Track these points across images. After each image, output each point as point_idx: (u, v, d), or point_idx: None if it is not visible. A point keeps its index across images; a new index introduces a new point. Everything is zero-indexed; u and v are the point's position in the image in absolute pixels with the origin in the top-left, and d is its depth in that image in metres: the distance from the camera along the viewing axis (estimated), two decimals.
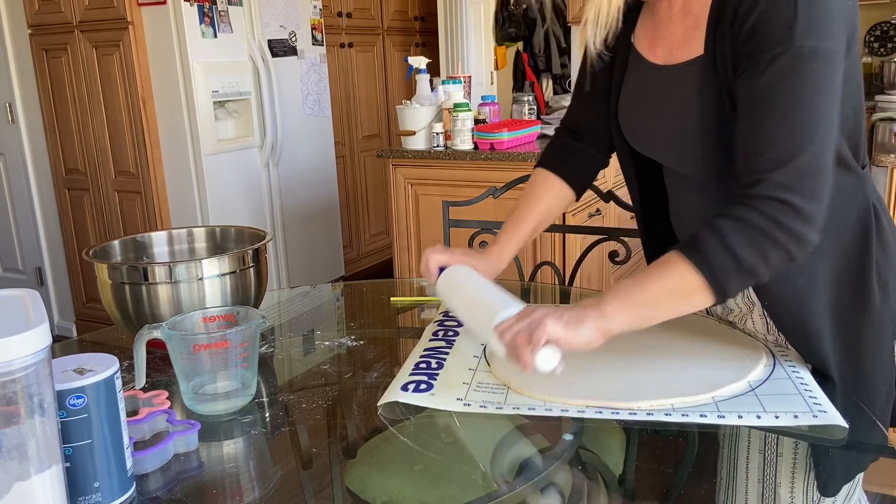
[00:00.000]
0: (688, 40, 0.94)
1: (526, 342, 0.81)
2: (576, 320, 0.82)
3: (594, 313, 0.83)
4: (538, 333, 0.80)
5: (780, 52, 0.80)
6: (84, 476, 0.69)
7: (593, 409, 0.85)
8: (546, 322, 0.81)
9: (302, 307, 1.38)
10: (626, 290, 0.85)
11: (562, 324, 0.81)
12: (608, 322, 0.83)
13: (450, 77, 2.81)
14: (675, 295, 0.83)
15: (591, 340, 0.83)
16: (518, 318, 0.85)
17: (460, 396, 0.90)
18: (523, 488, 0.74)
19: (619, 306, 0.83)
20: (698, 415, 0.82)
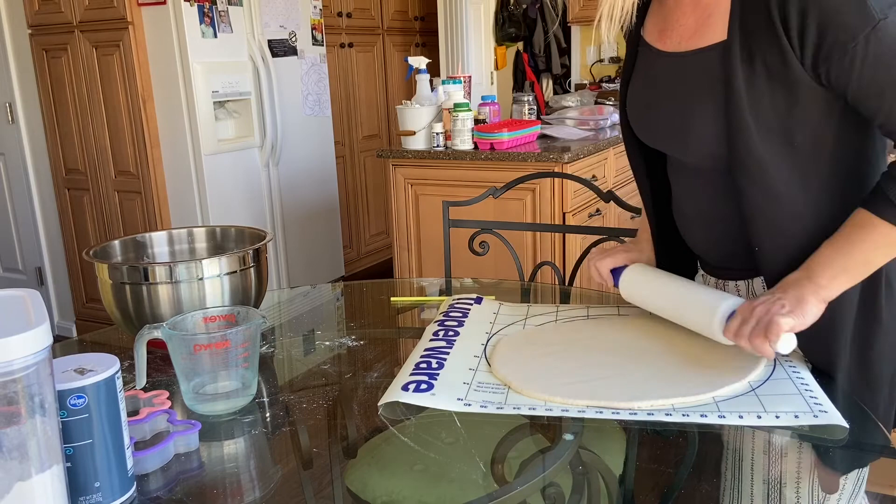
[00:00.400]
0: (701, 28, 0.94)
1: (764, 340, 0.86)
2: (797, 303, 0.88)
3: (811, 287, 0.89)
4: (773, 331, 0.86)
5: (868, 31, 0.81)
6: (85, 476, 0.69)
7: (593, 409, 0.85)
8: (776, 319, 0.86)
9: (302, 307, 1.38)
10: (833, 258, 0.89)
11: (789, 314, 0.87)
12: (827, 291, 0.89)
13: (450, 77, 2.81)
14: (880, 249, 0.88)
15: (818, 313, 0.89)
16: (744, 318, 0.90)
17: (461, 396, 0.90)
18: (523, 488, 0.74)
19: (833, 274, 0.89)
20: (699, 415, 0.82)
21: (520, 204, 2.55)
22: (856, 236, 0.88)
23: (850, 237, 0.89)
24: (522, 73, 4.98)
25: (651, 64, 1.03)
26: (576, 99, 3.89)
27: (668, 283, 1.06)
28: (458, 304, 1.22)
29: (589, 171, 2.75)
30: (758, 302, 0.90)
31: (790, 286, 0.90)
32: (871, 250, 0.88)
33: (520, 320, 1.16)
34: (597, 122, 3.14)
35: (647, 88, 1.04)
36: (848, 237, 0.89)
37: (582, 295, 1.35)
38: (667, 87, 1.00)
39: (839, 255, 0.89)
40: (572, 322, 1.13)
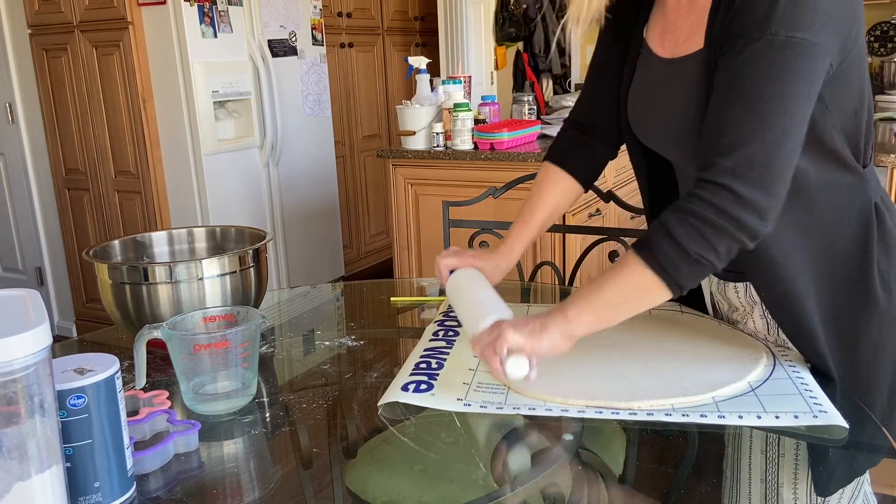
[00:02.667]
0: (692, 34, 0.94)
1: (492, 354, 0.85)
2: (539, 328, 0.85)
3: (558, 319, 0.86)
4: (499, 345, 0.84)
5: (755, 37, 0.80)
6: (84, 476, 0.69)
7: (593, 409, 0.85)
8: (506, 334, 0.84)
9: (302, 307, 1.38)
10: (586, 293, 0.87)
11: (524, 333, 0.84)
12: (571, 326, 0.85)
13: (450, 77, 2.81)
14: (634, 293, 0.85)
15: (557, 346, 0.85)
16: (489, 330, 0.88)
17: (460, 396, 0.90)
18: (523, 488, 0.74)
19: (581, 310, 0.86)
20: (698, 415, 0.82)
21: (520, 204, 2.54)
22: (612, 273, 0.85)
23: (608, 274, 0.86)
24: (522, 73, 4.98)
25: (649, 68, 1.03)
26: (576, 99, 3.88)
27: (471, 288, 1.03)
28: None
29: None
30: (512, 319, 0.88)
31: (546, 313, 0.87)
32: (623, 292, 0.85)
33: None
34: None
35: (645, 92, 1.04)
36: (607, 275, 0.86)
37: None
38: (662, 93, 1.00)
39: (593, 291, 0.86)
40: None
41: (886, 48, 4.12)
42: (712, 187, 0.80)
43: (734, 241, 0.81)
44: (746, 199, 0.79)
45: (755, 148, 0.79)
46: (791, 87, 0.79)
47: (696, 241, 0.80)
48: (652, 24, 1.04)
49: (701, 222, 0.80)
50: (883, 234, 0.93)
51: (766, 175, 0.79)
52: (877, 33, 4.13)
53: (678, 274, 0.81)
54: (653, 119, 1.03)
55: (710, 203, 0.80)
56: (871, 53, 4.14)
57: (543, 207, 1.16)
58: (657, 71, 1.01)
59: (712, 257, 0.81)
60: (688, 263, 0.81)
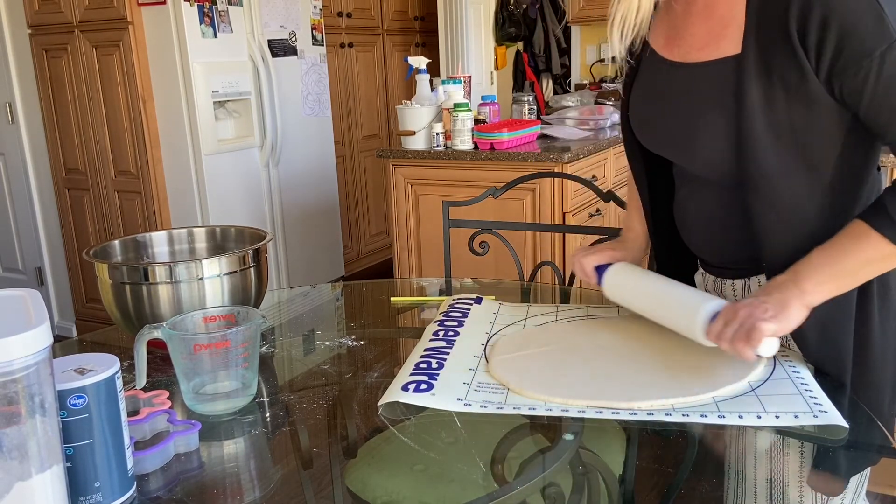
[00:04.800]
0: (713, 39, 0.93)
1: (745, 344, 0.85)
2: (781, 307, 0.87)
3: (795, 292, 0.87)
4: (755, 336, 0.84)
5: (886, 47, 0.81)
6: (85, 476, 0.69)
7: (593, 409, 0.85)
8: (758, 324, 0.85)
9: (302, 307, 1.38)
10: (822, 264, 0.88)
11: (771, 319, 0.85)
12: (812, 297, 0.88)
13: (450, 77, 2.81)
14: (872, 262, 0.87)
15: (801, 319, 0.88)
16: (726, 321, 0.88)
17: (461, 396, 0.90)
18: (523, 488, 0.74)
19: (819, 281, 0.88)
20: (698, 415, 0.82)
21: (520, 204, 2.55)
22: (849, 246, 0.87)
23: (843, 246, 0.88)
24: (522, 73, 4.98)
25: (656, 71, 1.02)
26: (576, 99, 3.89)
27: (651, 283, 1.04)
28: (458, 304, 1.22)
29: (589, 171, 2.75)
30: (741, 304, 0.88)
31: (775, 290, 0.89)
32: (861, 261, 0.87)
33: (520, 320, 1.16)
34: (597, 122, 3.14)
35: (652, 96, 1.03)
36: (841, 246, 0.88)
37: (582, 295, 1.35)
38: (673, 97, 0.99)
39: (829, 262, 0.88)
40: (572, 322, 1.13)
41: None
42: None
43: None
44: None
45: None
46: None
47: None
48: (656, 28, 1.03)
49: None
50: None
51: None
52: None
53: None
54: (660, 121, 1.02)
55: None
56: None
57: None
58: (664, 74, 1.00)
59: None
60: None
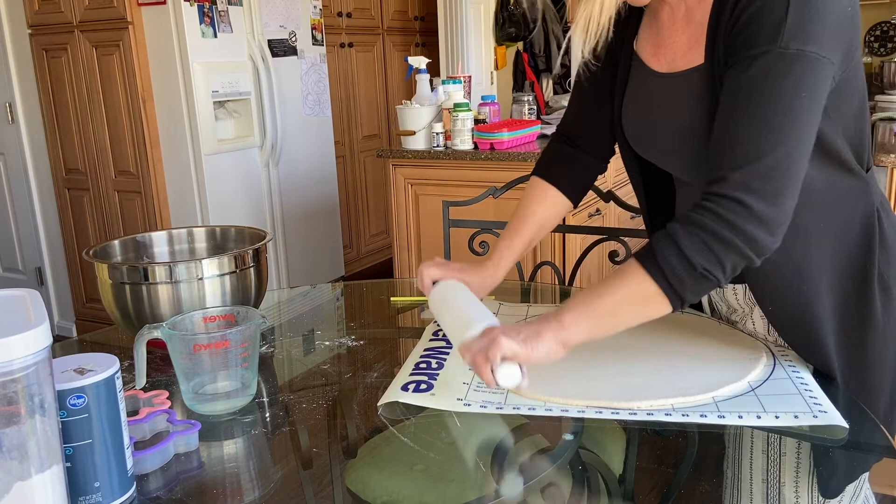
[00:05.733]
0: (691, 48, 0.93)
1: (484, 361, 0.81)
2: (533, 335, 0.82)
3: (553, 325, 0.83)
4: (492, 352, 0.81)
5: (764, 51, 0.79)
6: (84, 476, 0.69)
7: (593, 409, 0.85)
8: (500, 340, 0.81)
9: (302, 307, 1.38)
10: (584, 300, 0.84)
11: (517, 341, 0.81)
12: (567, 333, 0.83)
13: (450, 77, 2.81)
14: (633, 303, 0.83)
15: (551, 353, 0.83)
16: (480, 337, 0.85)
17: (460, 396, 0.90)
18: (523, 488, 0.74)
19: (577, 316, 0.83)
20: (698, 415, 0.82)
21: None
22: (613, 281, 0.83)
23: (608, 281, 0.84)
24: (522, 73, 4.98)
25: (644, 81, 1.01)
26: None
27: (455, 298, 1.00)
28: None
29: None
30: (501, 327, 0.86)
31: (538, 320, 0.85)
32: (622, 299, 0.83)
33: (520, 320, 1.16)
34: None
35: (641, 106, 1.03)
36: (606, 281, 0.84)
37: None
38: (659, 107, 0.99)
39: (591, 298, 0.84)
40: None
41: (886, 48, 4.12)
42: (723, 201, 0.79)
43: (742, 257, 0.79)
44: (758, 214, 0.78)
45: (769, 161, 0.78)
46: (802, 100, 0.78)
47: (703, 255, 0.79)
48: (643, 37, 1.02)
49: (710, 236, 0.79)
50: (883, 237, 0.94)
51: (780, 189, 0.78)
52: (877, 33, 4.13)
53: (682, 287, 0.80)
54: (651, 132, 1.02)
55: (720, 216, 0.79)
56: (871, 53, 4.14)
57: (531, 223, 1.13)
58: (653, 85, 0.99)
59: (718, 273, 0.80)
60: (693, 277, 0.80)
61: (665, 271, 0.80)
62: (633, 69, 1.03)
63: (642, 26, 1.03)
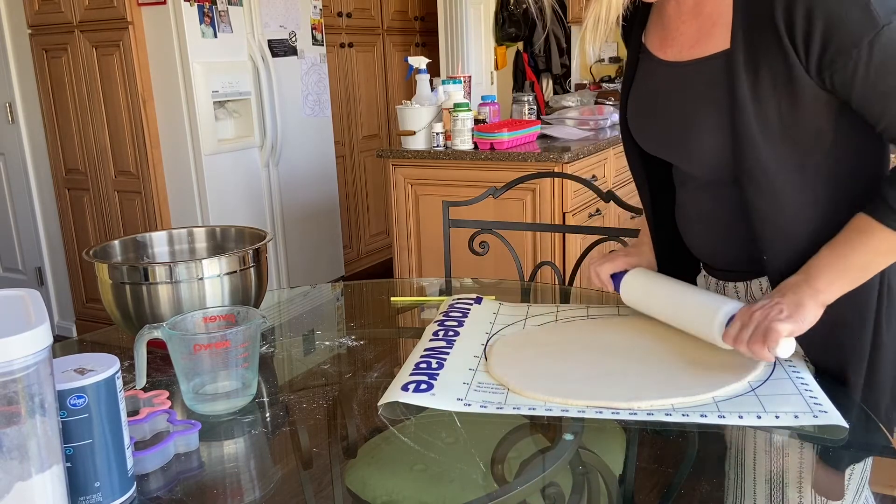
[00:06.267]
0: (703, 37, 0.94)
1: (762, 346, 0.87)
2: (796, 308, 0.88)
3: (809, 291, 0.89)
4: (771, 337, 0.86)
5: (871, 36, 0.80)
6: (85, 476, 0.69)
7: (593, 409, 0.85)
8: (774, 324, 0.86)
9: (302, 307, 1.38)
10: (831, 262, 0.89)
11: (787, 319, 0.87)
12: (825, 295, 0.89)
13: (450, 77, 2.81)
14: (881, 254, 0.88)
15: (816, 318, 0.89)
16: (743, 324, 0.90)
17: (461, 396, 0.90)
18: (523, 488, 0.74)
19: (832, 278, 0.89)
20: (698, 415, 0.82)
21: (520, 204, 2.55)
22: (856, 241, 0.88)
23: (850, 241, 0.88)
24: (522, 73, 4.98)
25: (652, 72, 1.03)
26: (576, 99, 3.89)
27: (667, 288, 1.06)
28: (458, 304, 1.22)
29: (589, 171, 2.75)
30: (756, 307, 0.90)
31: (788, 290, 0.90)
32: (869, 255, 0.88)
33: (520, 320, 1.16)
34: (597, 122, 3.14)
35: (649, 97, 1.03)
36: (847, 241, 0.89)
37: (582, 295, 1.35)
38: (668, 96, 0.99)
39: (838, 259, 0.89)
40: (572, 322, 1.13)
41: None
42: None
43: None
44: None
45: None
46: None
47: None
48: (651, 30, 1.03)
49: None
50: None
51: None
52: None
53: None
54: (657, 123, 1.02)
55: None
56: None
57: None
58: (663, 75, 1.00)
59: None
60: None
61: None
62: (641, 61, 1.05)
63: (650, 20, 1.04)
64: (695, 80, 0.95)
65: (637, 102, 1.05)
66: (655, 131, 1.04)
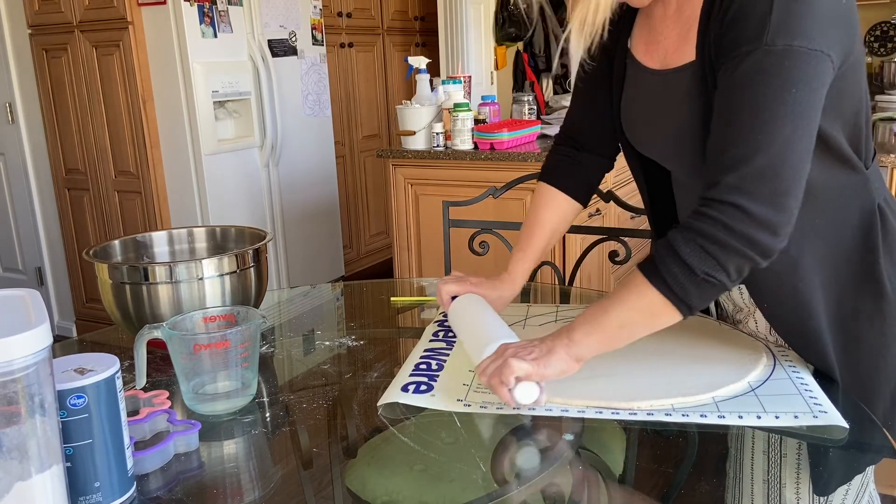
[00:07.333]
0: (682, 44, 0.93)
1: (499, 384, 0.83)
2: (545, 353, 0.84)
3: (564, 341, 0.85)
4: (506, 374, 0.83)
5: (750, 49, 0.78)
6: (85, 476, 0.69)
7: (593, 409, 0.85)
8: (511, 363, 0.83)
9: (302, 307, 1.38)
10: (593, 314, 0.85)
11: (529, 360, 0.83)
12: (578, 349, 0.85)
13: (450, 77, 2.81)
14: (641, 315, 0.83)
15: (564, 369, 0.85)
16: (493, 358, 0.87)
17: (461, 397, 0.90)
18: (523, 488, 0.74)
19: (587, 331, 0.85)
20: (698, 415, 0.82)
21: (520, 204, 2.54)
22: (619, 295, 0.84)
23: (615, 295, 0.84)
24: (522, 73, 4.98)
25: (638, 79, 1.01)
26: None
27: (474, 314, 1.02)
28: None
29: None
30: (514, 344, 0.87)
31: (552, 336, 0.87)
32: (631, 313, 0.83)
33: (520, 320, 1.16)
34: None
35: (638, 103, 1.03)
36: (613, 295, 0.85)
37: (582, 295, 1.35)
38: (653, 104, 0.99)
39: (599, 312, 0.85)
40: None
41: (886, 48, 4.12)
42: (719, 205, 0.78)
43: (745, 259, 0.79)
44: (756, 216, 0.76)
45: (760, 162, 0.76)
46: (793, 95, 0.77)
47: (704, 261, 0.78)
48: (636, 35, 1.02)
49: (708, 241, 0.78)
50: (886, 235, 0.93)
51: (775, 189, 0.77)
52: (877, 33, 4.13)
53: (687, 295, 0.80)
54: (648, 130, 1.02)
55: (717, 221, 0.78)
56: (871, 53, 4.14)
57: (542, 231, 1.13)
58: (648, 83, 0.99)
59: (722, 277, 0.79)
60: (695, 284, 0.79)
61: (668, 281, 0.80)
62: (628, 67, 1.03)
63: (636, 24, 1.02)
64: (673, 89, 0.94)
65: (629, 108, 1.04)
66: (646, 135, 1.03)
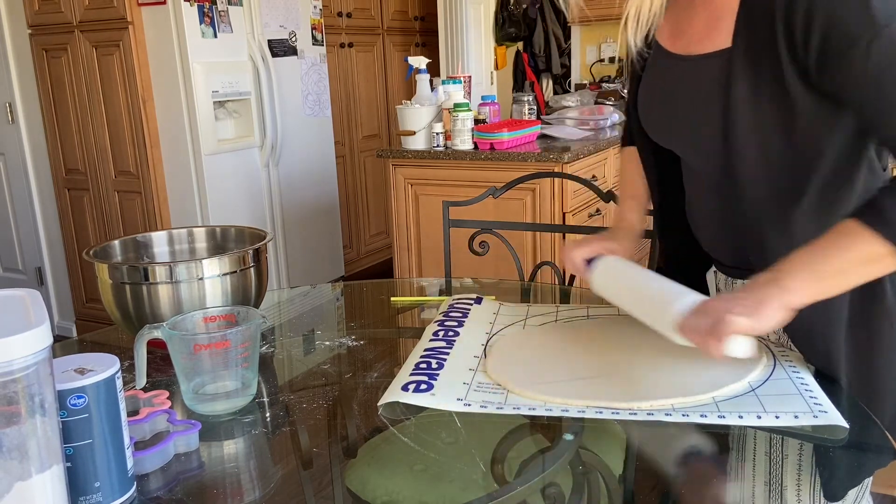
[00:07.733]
0: (710, 32, 0.93)
1: (714, 339, 0.81)
2: (757, 305, 0.81)
3: (775, 292, 0.82)
4: (722, 329, 0.80)
5: (871, 37, 0.79)
6: (85, 476, 0.69)
7: (593, 409, 0.85)
8: (728, 318, 0.80)
9: (302, 307, 1.38)
10: (807, 263, 0.83)
11: (745, 315, 0.80)
12: (793, 297, 0.82)
13: (450, 77, 2.81)
14: (862, 263, 0.82)
15: (780, 320, 0.82)
16: (698, 314, 0.84)
17: (461, 397, 0.90)
18: (523, 488, 0.74)
19: (804, 280, 0.82)
20: (698, 415, 0.82)
21: (520, 204, 2.55)
22: (838, 243, 0.83)
23: (832, 243, 0.83)
24: (522, 73, 4.98)
25: (661, 64, 1.03)
26: (576, 99, 3.89)
27: (634, 277, 1.01)
28: (457, 304, 1.22)
29: (589, 171, 2.75)
30: (717, 298, 0.85)
31: (756, 287, 0.84)
32: (850, 261, 0.82)
33: (520, 320, 1.16)
34: (597, 122, 3.14)
35: (657, 89, 1.04)
36: (829, 243, 0.83)
37: (582, 295, 1.35)
38: (675, 90, 0.99)
39: (814, 260, 0.83)
40: (572, 322, 1.13)
41: None
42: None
43: None
44: None
45: None
46: None
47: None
48: (662, 22, 1.03)
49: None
50: None
51: None
52: None
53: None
54: (665, 116, 1.03)
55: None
56: None
57: (643, 182, 1.16)
58: (670, 68, 1.00)
59: None
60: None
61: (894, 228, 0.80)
62: (652, 54, 1.04)
63: None
64: (699, 76, 0.95)
65: (647, 94, 1.06)
66: (663, 122, 1.04)
